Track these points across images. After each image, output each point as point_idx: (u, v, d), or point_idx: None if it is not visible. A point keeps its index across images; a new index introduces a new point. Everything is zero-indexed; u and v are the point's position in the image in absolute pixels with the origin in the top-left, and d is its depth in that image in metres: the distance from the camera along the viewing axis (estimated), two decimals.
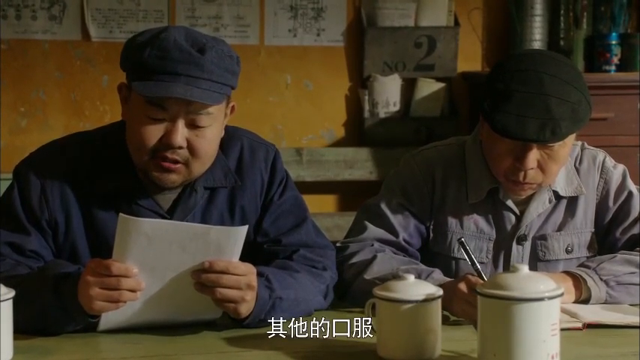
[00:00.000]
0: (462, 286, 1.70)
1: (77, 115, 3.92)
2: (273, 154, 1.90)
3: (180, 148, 1.69)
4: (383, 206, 1.99)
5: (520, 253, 1.98)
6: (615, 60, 3.84)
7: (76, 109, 3.92)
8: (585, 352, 1.54)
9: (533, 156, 1.84)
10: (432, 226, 2.01)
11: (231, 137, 1.86)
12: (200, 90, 1.66)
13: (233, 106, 1.79)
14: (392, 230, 1.97)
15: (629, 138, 3.65)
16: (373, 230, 1.97)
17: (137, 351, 1.53)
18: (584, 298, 1.83)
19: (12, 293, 1.45)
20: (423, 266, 1.88)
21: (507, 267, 1.96)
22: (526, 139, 1.81)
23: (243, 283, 1.58)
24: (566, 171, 2.00)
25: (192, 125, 1.69)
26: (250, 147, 1.88)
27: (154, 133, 1.68)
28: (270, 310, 1.66)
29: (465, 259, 1.81)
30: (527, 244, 1.99)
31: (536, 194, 1.97)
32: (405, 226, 1.98)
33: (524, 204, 1.98)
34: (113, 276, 1.52)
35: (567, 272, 1.86)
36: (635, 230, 1.98)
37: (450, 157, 2.02)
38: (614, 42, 3.85)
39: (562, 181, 1.99)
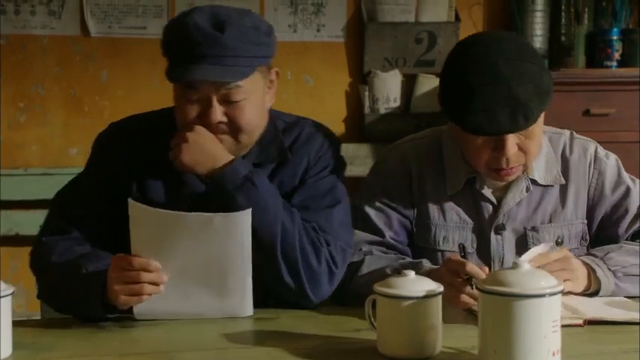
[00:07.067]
0: (451, 264, 1.71)
1: (76, 110, 3.91)
2: (327, 143, 1.91)
3: (221, 123, 1.74)
4: (366, 209, 1.99)
5: (499, 242, 1.95)
6: (616, 56, 3.84)
7: (75, 104, 3.91)
8: (586, 348, 1.53)
9: (512, 142, 1.81)
10: (414, 220, 1.99)
11: (295, 124, 1.91)
12: (224, 68, 1.69)
13: (277, 72, 1.84)
14: (377, 231, 1.97)
15: (631, 134, 3.64)
16: (359, 235, 1.95)
17: (136, 348, 1.53)
18: (593, 290, 1.81)
19: (11, 289, 1.45)
20: (409, 259, 1.89)
21: (488, 257, 1.95)
22: (502, 131, 1.78)
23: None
24: (546, 160, 1.98)
25: (227, 101, 1.74)
26: (309, 133, 1.90)
27: (191, 112, 1.74)
28: (241, 185, 1.72)
29: (450, 251, 1.88)
30: (507, 234, 1.95)
31: (513, 183, 1.95)
32: (390, 224, 1.98)
33: (502, 192, 1.96)
34: (134, 270, 1.59)
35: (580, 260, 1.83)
36: (635, 226, 1.96)
37: (425, 151, 2.00)
38: (615, 37, 3.85)
39: (541, 169, 1.97)
